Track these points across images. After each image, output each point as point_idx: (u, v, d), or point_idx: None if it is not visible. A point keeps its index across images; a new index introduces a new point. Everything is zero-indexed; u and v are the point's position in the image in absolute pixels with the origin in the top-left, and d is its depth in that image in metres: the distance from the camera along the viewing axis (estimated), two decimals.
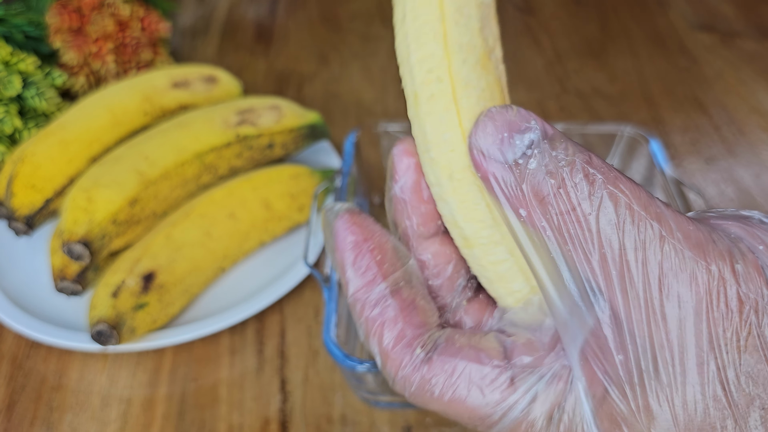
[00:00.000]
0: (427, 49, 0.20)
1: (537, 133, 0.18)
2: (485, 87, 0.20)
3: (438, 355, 0.20)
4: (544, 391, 0.19)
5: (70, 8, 0.55)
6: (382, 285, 0.21)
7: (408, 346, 0.20)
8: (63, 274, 0.41)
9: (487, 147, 0.18)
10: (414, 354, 0.20)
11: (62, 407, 0.39)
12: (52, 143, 0.44)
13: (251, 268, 0.46)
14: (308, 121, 0.49)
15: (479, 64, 0.20)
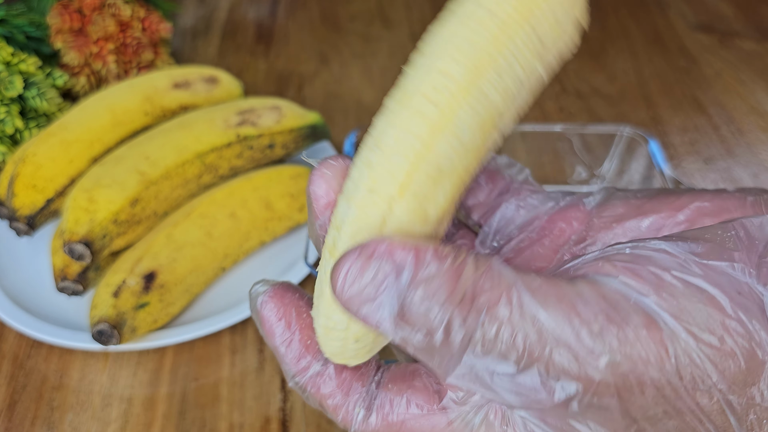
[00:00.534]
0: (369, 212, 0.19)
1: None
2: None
3: (376, 411, 0.21)
4: (482, 424, 0.19)
5: (71, 9, 0.55)
6: (316, 365, 0.21)
7: (348, 411, 0.21)
8: (64, 274, 0.41)
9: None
10: (355, 414, 0.21)
11: (63, 407, 0.39)
12: (53, 143, 0.44)
13: (252, 268, 0.46)
14: (308, 122, 0.49)
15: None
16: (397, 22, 0.73)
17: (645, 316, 0.16)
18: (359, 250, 0.17)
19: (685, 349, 0.16)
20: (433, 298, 0.16)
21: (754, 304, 0.17)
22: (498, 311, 0.16)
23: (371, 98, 0.62)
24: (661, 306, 0.17)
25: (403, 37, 0.71)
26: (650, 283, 0.17)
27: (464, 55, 0.19)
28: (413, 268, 0.17)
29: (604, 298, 0.17)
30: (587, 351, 0.16)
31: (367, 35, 0.71)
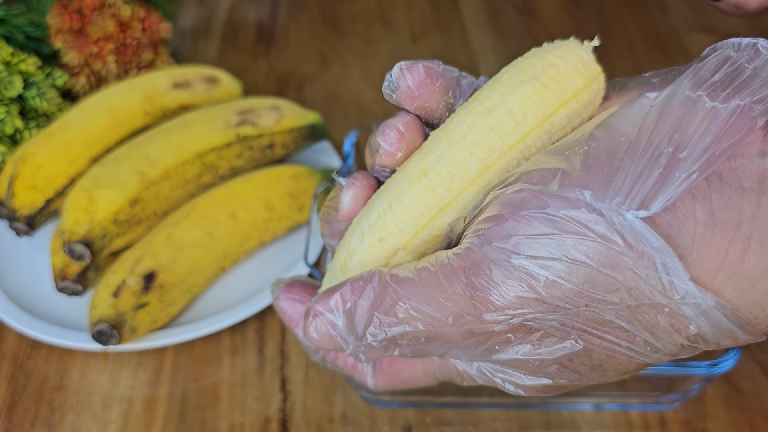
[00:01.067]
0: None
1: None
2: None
3: (376, 367, 0.29)
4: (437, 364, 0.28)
5: (71, 9, 0.55)
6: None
7: (361, 371, 0.29)
8: (64, 274, 0.41)
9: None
10: (366, 372, 0.29)
11: (63, 407, 0.39)
12: (53, 143, 0.44)
13: (252, 268, 0.46)
14: (308, 122, 0.49)
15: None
16: (398, 23, 0.73)
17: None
18: (307, 319, 0.24)
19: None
20: (356, 324, 0.23)
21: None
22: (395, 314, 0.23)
23: (371, 99, 0.62)
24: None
25: (403, 38, 0.71)
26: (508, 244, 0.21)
27: (480, 151, 0.24)
28: (343, 308, 0.24)
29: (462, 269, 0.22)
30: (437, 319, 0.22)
31: (368, 36, 0.71)
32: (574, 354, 0.22)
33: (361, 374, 0.28)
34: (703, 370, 0.33)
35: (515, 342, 0.22)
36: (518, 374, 0.24)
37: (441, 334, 0.22)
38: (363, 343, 0.23)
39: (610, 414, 0.38)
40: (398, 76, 0.25)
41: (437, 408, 0.38)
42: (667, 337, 0.22)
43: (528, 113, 0.23)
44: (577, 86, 0.24)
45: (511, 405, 0.38)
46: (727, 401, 0.38)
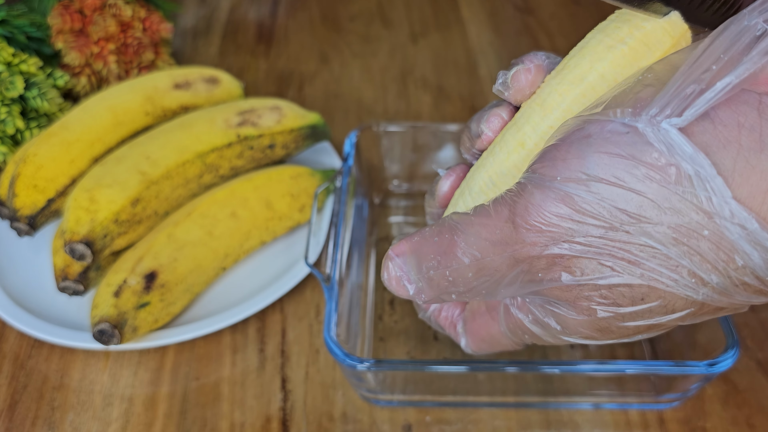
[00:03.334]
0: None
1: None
2: None
3: (466, 323, 0.32)
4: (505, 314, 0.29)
5: (72, 9, 0.55)
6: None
7: (455, 326, 0.33)
8: (65, 274, 0.41)
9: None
10: (459, 328, 0.33)
11: (64, 406, 0.39)
12: (54, 144, 0.44)
13: (252, 268, 0.46)
14: (309, 122, 0.50)
15: None
16: (397, 22, 0.73)
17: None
18: (388, 257, 0.27)
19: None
20: (427, 266, 0.25)
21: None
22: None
23: (371, 98, 0.63)
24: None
25: (403, 37, 0.71)
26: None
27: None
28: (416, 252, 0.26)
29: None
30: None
31: (367, 35, 0.72)
32: (614, 285, 0.22)
33: (456, 335, 0.31)
34: (702, 369, 0.33)
35: (557, 268, 0.22)
36: (565, 309, 0.24)
37: (487, 266, 0.23)
38: (421, 279, 0.25)
39: (609, 413, 0.38)
40: (513, 76, 0.27)
41: (437, 407, 0.38)
42: (712, 267, 0.21)
43: (619, 78, 0.24)
44: (665, 46, 0.24)
45: (510, 404, 0.38)
46: (725, 399, 0.39)
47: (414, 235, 0.26)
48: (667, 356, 0.40)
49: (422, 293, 0.26)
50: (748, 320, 0.43)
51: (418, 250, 0.26)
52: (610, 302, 0.23)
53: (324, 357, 0.41)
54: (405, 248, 0.26)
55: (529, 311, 0.26)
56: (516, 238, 0.23)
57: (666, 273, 0.21)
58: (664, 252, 0.21)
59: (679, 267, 0.21)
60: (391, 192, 0.52)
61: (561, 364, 0.34)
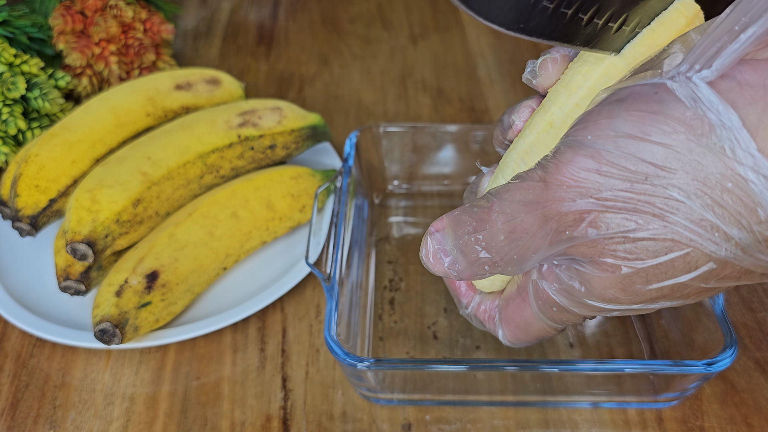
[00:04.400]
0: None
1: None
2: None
3: (501, 312, 0.32)
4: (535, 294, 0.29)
5: (73, 10, 0.55)
6: (476, 297, 0.33)
7: (493, 318, 0.32)
8: (67, 274, 0.42)
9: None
10: (496, 319, 0.32)
11: (66, 405, 0.39)
12: (56, 144, 0.45)
13: (253, 267, 0.46)
14: (309, 123, 0.50)
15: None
16: (397, 24, 0.74)
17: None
18: (428, 233, 0.28)
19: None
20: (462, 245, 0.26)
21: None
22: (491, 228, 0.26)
23: (371, 99, 0.63)
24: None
25: (402, 39, 0.71)
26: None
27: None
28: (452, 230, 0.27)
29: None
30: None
31: (367, 37, 0.72)
32: (638, 238, 0.22)
33: (494, 327, 0.32)
34: (700, 369, 0.33)
35: (584, 223, 0.23)
36: (590, 268, 0.24)
37: (518, 227, 0.24)
38: (456, 246, 0.26)
39: (607, 412, 0.38)
40: (541, 65, 0.28)
41: (437, 406, 0.39)
42: (734, 221, 0.21)
43: (638, 56, 0.25)
44: (680, 25, 0.25)
45: (509, 403, 0.38)
46: (723, 399, 0.39)
47: (454, 210, 0.27)
48: (666, 356, 0.40)
49: (456, 263, 0.27)
50: (746, 320, 0.43)
51: (456, 220, 0.26)
52: (634, 257, 0.23)
53: (324, 356, 0.42)
54: (444, 223, 0.27)
55: (555, 278, 0.26)
56: (546, 196, 0.23)
57: (689, 226, 0.22)
58: (688, 204, 0.21)
59: (703, 220, 0.22)
60: (391, 192, 0.52)
61: (560, 363, 0.34)
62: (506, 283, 0.32)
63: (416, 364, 0.35)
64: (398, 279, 0.46)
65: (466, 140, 0.49)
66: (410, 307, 0.44)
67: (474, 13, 0.21)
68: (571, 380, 0.37)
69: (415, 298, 0.45)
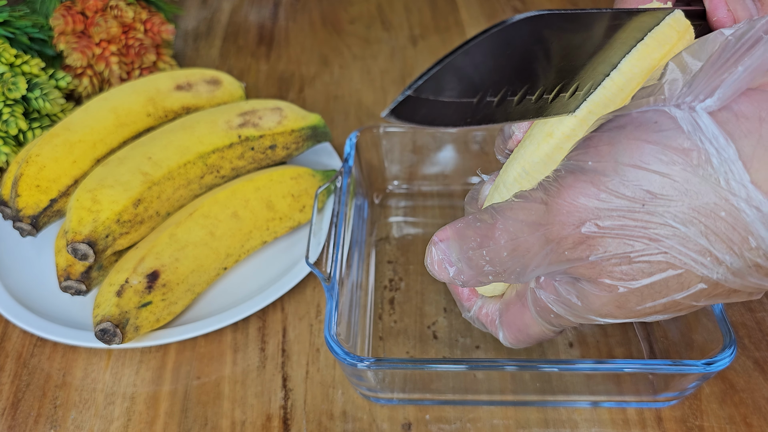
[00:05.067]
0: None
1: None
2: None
3: (501, 316, 0.32)
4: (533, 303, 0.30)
5: (74, 11, 0.55)
6: (478, 301, 0.33)
7: (494, 321, 0.33)
8: (67, 273, 0.42)
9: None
10: (497, 322, 0.33)
11: (66, 404, 0.40)
12: (56, 144, 0.45)
13: (253, 267, 0.47)
14: (309, 123, 0.50)
15: None
16: (397, 25, 0.74)
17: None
18: (432, 243, 0.28)
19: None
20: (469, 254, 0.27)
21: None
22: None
23: (371, 100, 0.63)
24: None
25: (402, 40, 0.71)
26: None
27: (597, 108, 0.27)
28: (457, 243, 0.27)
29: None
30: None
31: (367, 37, 0.72)
32: (635, 261, 0.23)
33: (495, 330, 0.32)
34: (699, 368, 0.33)
35: (582, 247, 0.24)
36: (588, 286, 0.25)
37: (521, 245, 0.25)
38: (461, 259, 0.27)
39: (607, 411, 0.38)
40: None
41: (436, 405, 0.39)
42: (727, 248, 0.22)
43: (635, 69, 0.26)
44: (672, 40, 0.26)
45: (509, 402, 0.38)
46: (722, 398, 0.39)
47: (458, 221, 0.28)
48: (665, 355, 0.40)
49: (462, 274, 0.27)
50: (745, 320, 0.43)
51: (461, 234, 0.27)
52: (630, 278, 0.24)
53: (324, 356, 0.42)
54: (448, 233, 0.28)
55: (553, 290, 0.27)
56: (547, 219, 0.24)
57: (684, 251, 0.23)
58: (683, 231, 0.22)
59: (697, 246, 0.23)
60: (391, 192, 0.52)
61: (559, 363, 0.34)
62: (506, 288, 0.32)
63: (416, 364, 0.35)
64: (398, 279, 0.46)
65: (465, 140, 0.50)
66: (410, 306, 0.44)
67: (417, 124, 0.22)
68: (571, 380, 0.37)
69: (415, 298, 0.45)
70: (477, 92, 0.23)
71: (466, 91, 0.22)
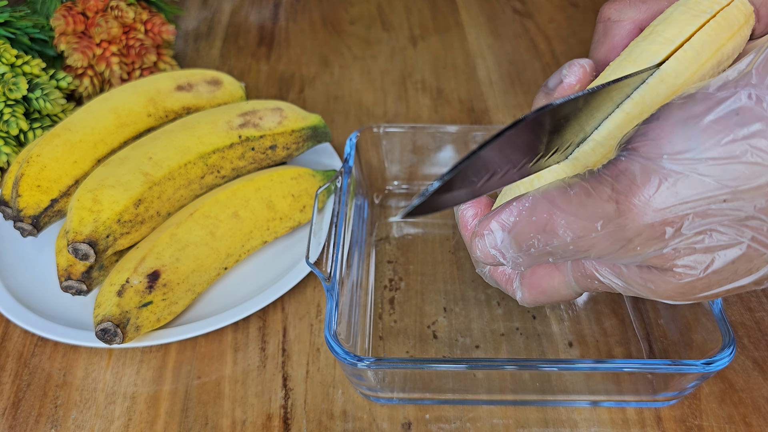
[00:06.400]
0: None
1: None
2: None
3: (522, 278, 0.31)
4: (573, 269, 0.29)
5: (74, 11, 0.55)
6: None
7: (512, 282, 0.31)
8: (68, 273, 0.42)
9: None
10: (515, 284, 0.31)
11: (67, 404, 0.40)
12: (57, 144, 0.45)
13: (254, 267, 0.47)
14: (310, 123, 0.50)
15: None
16: (397, 25, 0.74)
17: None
18: (474, 239, 0.27)
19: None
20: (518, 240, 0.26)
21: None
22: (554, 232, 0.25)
23: (371, 100, 0.63)
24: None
25: (402, 40, 0.72)
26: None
27: (668, 77, 0.27)
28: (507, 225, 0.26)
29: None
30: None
31: (368, 38, 0.72)
32: (709, 249, 0.23)
33: (512, 290, 0.31)
34: (698, 368, 0.33)
35: (656, 242, 0.23)
36: (657, 273, 0.25)
37: (585, 241, 0.24)
38: (521, 254, 0.26)
39: (606, 411, 0.38)
40: (570, 69, 0.29)
41: (436, 404, 0.39)
42: None
43: (705, 45, 0.26)
44: (740, 22, 0.27)
45: (509, 402, 0.38)
46: (722, 398, 0.39)
47: (500, 212, 0.26)
48: (665, 355, 0.40)
49: (521, 265, 0.27)
50: (744, 320, 0.43)
51: (512, 228, 0.26)
52: (702, 266, 0.24)
53: (324, 355, 0.42)
54: (495, 226, 0.26)
55: (618, 271, 0.27)
56: (619, 220, 0.23)
57: (761, 239, 0.23)
58: (764, 219, 0.22)
59: None
60: (391, 192, 0.52)
61: (559, 363, 0.34)
62: None
63: (416, 363, 0.35)
64: (398, 279, 0.46)
65: (465, 141, 0.50)
66: (410, 306, 0.44)
67: (431, 212, 0.23)
68: (570, 379, 0.37)
69: (415, 297, 0.45)
70: (484, 175, 0.23)
71: (475, 182, 0.23)
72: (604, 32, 0.32)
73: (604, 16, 0.32)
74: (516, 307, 0.44)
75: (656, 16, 0.31)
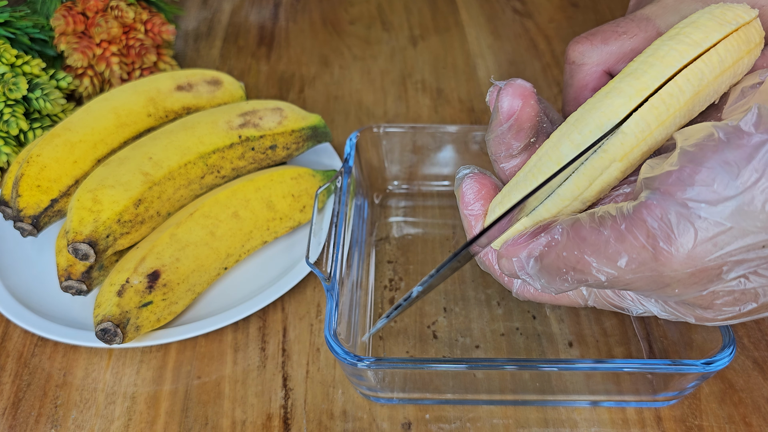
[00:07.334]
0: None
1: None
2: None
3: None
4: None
5: (74, 11, 0.55)
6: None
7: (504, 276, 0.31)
8: (68, 273, 0.42)
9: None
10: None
11: (67, 404, 0.40)
12: (57, 144, 0.45)
13: (254, 267, 0.47)
14: (310, 123, 0.50)
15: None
16: (397, 25, 0.74)
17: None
18: (500, 260, 0.28)
19: None
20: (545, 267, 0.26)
21: None
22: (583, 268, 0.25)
23: (371, 100, 0.63)
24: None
25: (402, 40, 0.72)
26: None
27: (694, 78, 0.27)
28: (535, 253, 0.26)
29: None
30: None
31: (368, 38, 0.72)
32: (748, 290, 0.23)
33: (508, 282, 0.31)
34: (698, 368, 0.33)
35: (696, 287, 0.23)
36: (694, 308, 0.25)
37: (624, 281, 0.24)
38: (552, 285, 0.26)
39: (606, 411, 0.38)
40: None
41: (436, 404, 0.39)
42: None
43: (728, 53, 0.27)
44: (755, 40, 0.28)
45: (509, 402, 0.38)
46: (721, 398, 0.39)
47: (527, 241, 0.26)
48: (664, 355, 0.40)
49: (553, 291, 0.27)
50: None
51: (542, 258, 0.26)
52: (740, 304, 0.24)
53: (324, 355, 0.42)
54: (524, 255, 0.26)
55: (655, 302, 0.27)
56: (657, 269, 0.23)
57: None
58: None
59: None
60: (391, 192, 0.52)
61: (559, 363, 0.34)
62: None
63: (416, 363, 0.35)
64: (398, 279, 0.46)
65: (465, 141, 0.50)
66: (410, 307, 0.44)
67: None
68: (570, 379, 0.37)
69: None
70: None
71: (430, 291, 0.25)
72: (571, 75, 0.32)
73: (569, 59, 0.32)
74: (516, 307, 0.44)
75: (619, 59, 0.31)
